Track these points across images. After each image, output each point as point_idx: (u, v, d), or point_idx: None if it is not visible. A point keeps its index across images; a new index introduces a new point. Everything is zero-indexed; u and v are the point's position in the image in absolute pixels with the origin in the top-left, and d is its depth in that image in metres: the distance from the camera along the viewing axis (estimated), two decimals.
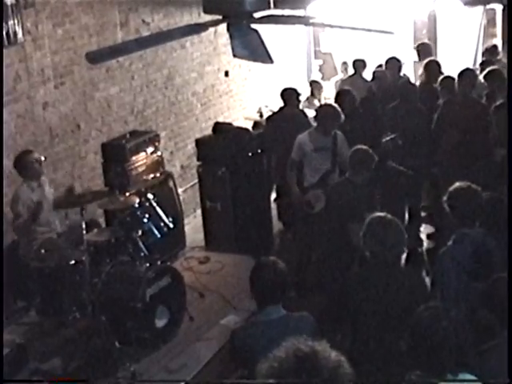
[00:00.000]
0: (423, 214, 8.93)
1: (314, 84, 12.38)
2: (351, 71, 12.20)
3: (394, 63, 10.18)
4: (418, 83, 10.20)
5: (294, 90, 9.62)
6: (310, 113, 10.09)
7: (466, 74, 8.57)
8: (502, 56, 10.71)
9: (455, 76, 8.67)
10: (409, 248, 5.04)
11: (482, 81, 9.89)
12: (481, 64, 10.62)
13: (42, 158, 7.30)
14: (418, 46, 11.15)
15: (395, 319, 4.52)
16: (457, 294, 4.97)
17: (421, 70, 10.33)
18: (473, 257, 5.01)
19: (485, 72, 9.14)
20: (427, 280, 5.24)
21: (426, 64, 9.81)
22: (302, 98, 11.65)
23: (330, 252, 7.61)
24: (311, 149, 7.71)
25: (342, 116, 7.71)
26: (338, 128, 7.88)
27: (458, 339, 3.50)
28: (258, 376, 2.59)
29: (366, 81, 10.81)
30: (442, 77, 8.83)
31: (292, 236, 9.26)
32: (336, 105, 8.01)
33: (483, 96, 8.80)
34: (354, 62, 11.28)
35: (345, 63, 13.12)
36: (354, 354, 2.64)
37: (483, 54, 11.02)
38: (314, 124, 8.20)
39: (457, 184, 5.33)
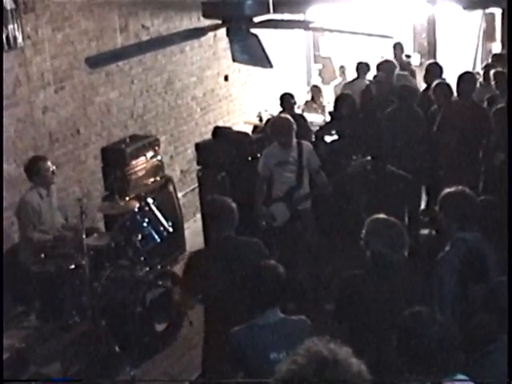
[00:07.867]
0: (424, 217, 8.91)
1: (314, 89, 12.38)
2: (349, 74, 12.17)
3: (388, 66, 10.13)
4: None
5: (291, 95, 9.64)
6: (310, 117, 10.07)
7: (467, 77, 8.56)
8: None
9: (454, 79, 8.65)
10: (408, 251, 5.01)
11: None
12: (484, 67, 10.61)
13: (54, 168, 7.25)
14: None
15: (391, 321, 4.50)
16: (454, 298, 4.96)
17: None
18: (465, 261, 4.99)
19: (492, 72, 9.14)
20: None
21: (428, 66, 9.82)
22: (301, 102, 11.68)
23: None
24: (274, 163, 7.58)
25: (295, 126, 7.51)
26: (338, 132, 7.83)
27: (445, 343, 3.49)
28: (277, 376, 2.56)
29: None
30: (435, 83, 8.72)
31: None
32: (289, 116, 7.79)
33: (484, 100, 8.80)
34: (358, 66, 11.20)
35: (342, 67, 13.11)
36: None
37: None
38: (313, 129, 8.15)
39: (447, 189, 5.29)
